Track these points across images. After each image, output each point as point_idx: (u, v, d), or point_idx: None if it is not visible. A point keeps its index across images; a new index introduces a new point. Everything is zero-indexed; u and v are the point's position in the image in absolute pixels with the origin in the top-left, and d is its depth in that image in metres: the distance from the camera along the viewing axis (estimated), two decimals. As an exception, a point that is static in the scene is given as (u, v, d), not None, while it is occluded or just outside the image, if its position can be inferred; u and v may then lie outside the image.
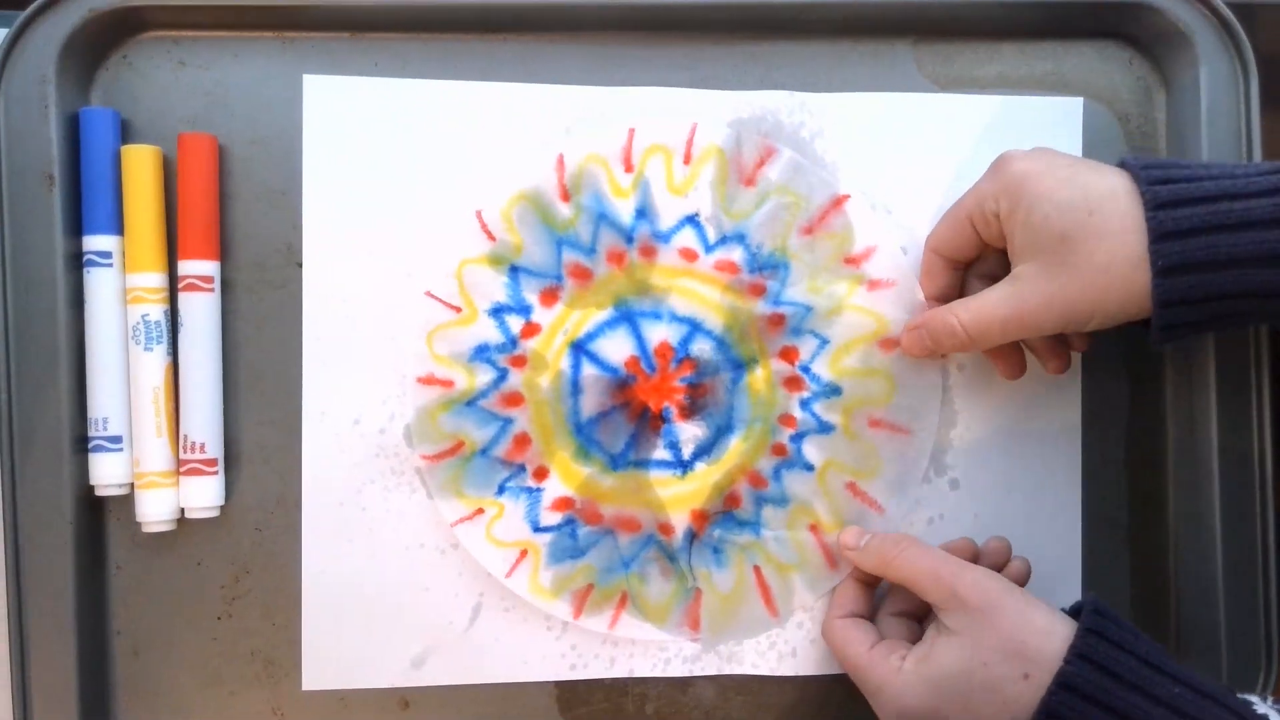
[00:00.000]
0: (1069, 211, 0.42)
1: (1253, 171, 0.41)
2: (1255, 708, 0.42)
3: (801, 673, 0.50)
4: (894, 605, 0.49)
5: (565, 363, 0.50)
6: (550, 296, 0.50)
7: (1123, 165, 0.44)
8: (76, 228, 0.48)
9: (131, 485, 0.48)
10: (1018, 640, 0.42)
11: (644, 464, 0.50)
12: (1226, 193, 0.41)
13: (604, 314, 0.50)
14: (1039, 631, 0.42)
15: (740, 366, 0.50)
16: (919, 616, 0.49)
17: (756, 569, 0.50)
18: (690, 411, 0.50)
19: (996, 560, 0.48)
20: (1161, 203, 0.41)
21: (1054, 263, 0.42)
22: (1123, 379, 0.52)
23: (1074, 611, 0.44)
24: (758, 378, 0.50)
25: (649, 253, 0.50)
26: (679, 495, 0.50)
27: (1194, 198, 0.41)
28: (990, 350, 0.48)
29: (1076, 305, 0.43)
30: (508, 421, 0.49)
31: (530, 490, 0.49)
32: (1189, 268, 0.41)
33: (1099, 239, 0.41)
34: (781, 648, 0.50)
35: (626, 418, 0.50)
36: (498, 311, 0.49)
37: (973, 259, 0.48)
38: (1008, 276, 0.45)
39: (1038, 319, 0.44)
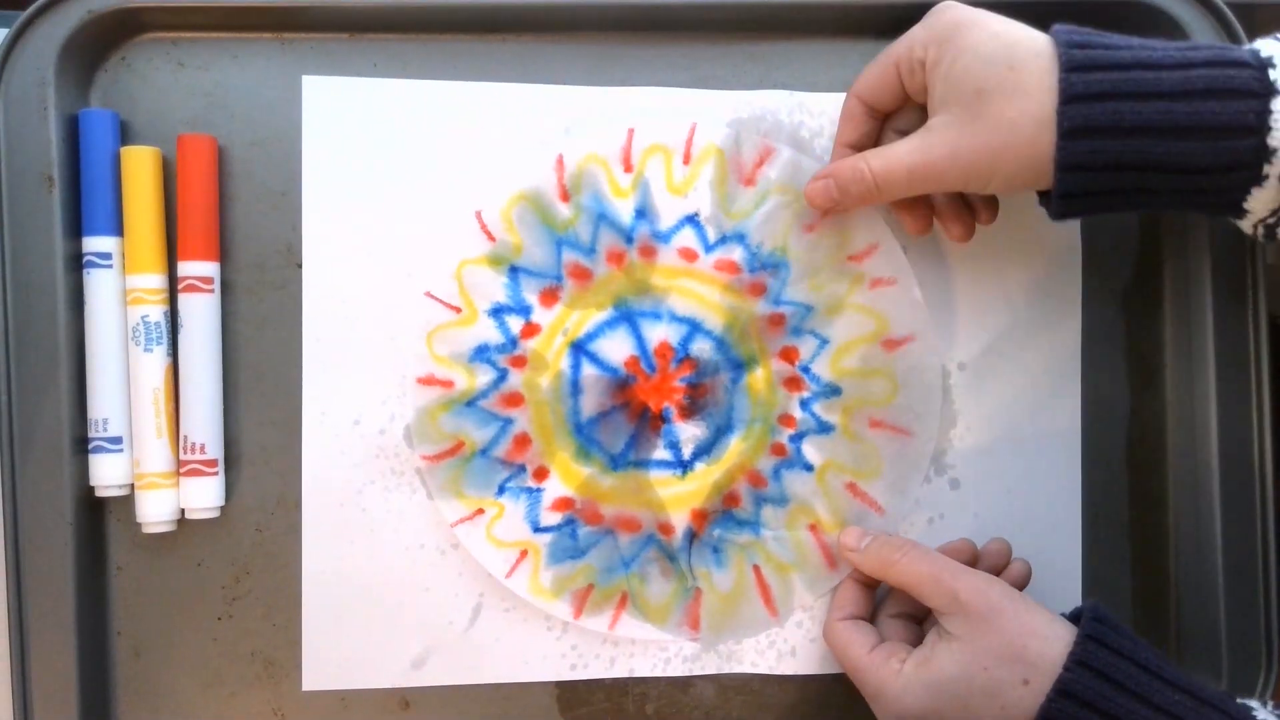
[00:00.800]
0: (990, 65, 0.41)
1: (1171, 47, 0.41)
2: (1255, 714, 0.42)
3: (801, 672, 0.50)
4: (894, 607, 0.49)
5: (565, 363, 0.50)
6: (550, 297, 0.50)
7: (1052, 31, 0.43)
8: (76, 229, 0.48)
9: (132, 486, 0.48)
10: (1018, 646, 0.42)
11: (644, 464, 0.50)
12: (1141, 62, 0.40)
13: (604, 314, 0.50)
14: (1039, 637, 0.42)
15: (740, 366, 0.50)
16: (919, 618, 0.49)
17: (756, 568, 0.50)
18: (690, 411, 0.50)
19: (996, 562, 0.48)
20: (1076, 65, 0.40)
21: (966, 116, 0.42)
22: (1123, 379, 0.52)
23: (1075, 616, 0.44)
24: (757, 378, 0.50)
25: (649, 253, 0.50)
26: (679, 495, 0.50)
27: (1108, 63, 0.40)
28: (898, 206, 0.48)
29: (979, 160, 0.42)
30: (508, 422, 0.49)
31: (530, 490, 0.49)
32: (1093, 132, 0.40)
33: (1013, 96, 0.41)
34: (781, 647, 0.50)
35: (626, 418, 0.50)
36: (497, 312, 0.49)
37: (893, 109, 0.47)
38: (920, 129, 0.44)
39: (942, 171, 0.43)
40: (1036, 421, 0.51)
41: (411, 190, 0.49)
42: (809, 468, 0.50)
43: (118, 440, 0.48)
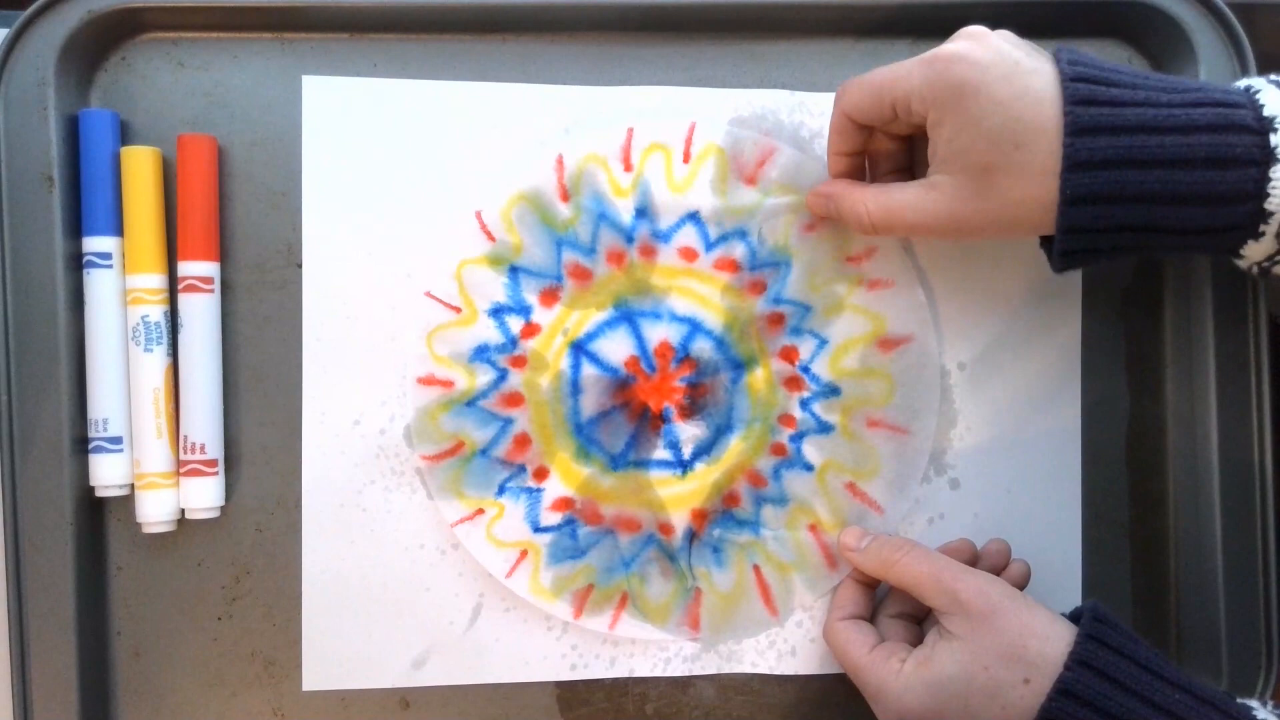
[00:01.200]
0: (996, 143, 0.41)
1: (1176, 100, 0.41)
2: (1255, 713, 0.42)
3: (801, 672, 0.50)
4: (894, 607, 0.49)
5: (565, 363, 0.50)
6: (550, 297, 0.50)
7: (1056, 64, 0.42)
8: (76, 229, 0.48)
9: (132, 486, 0.48)
10: (1018, 645, 0.42)
11: (644, 464, 0.50)
12: (1145, 124, 0.40)
13: (604, 314, 0.50)
14: (1039, 637, 0.42)
15: (740, 366, 0.50)
16: (919, 618, 0.49)
17: (756, 568, 0.50)
18: (690, 411, 0.50)
19: (996, 563, 0.48)
20: (1080, 128, 0.40)
21: (971, 188, 0.42)
22: (1122, 379, 0.52)
23: (1075, 616, 0.44)
24: (757, 378, 0.50)
25: (649, 252, 0.50)
26: (679, 495, 0.50)
27: (1112, 126, 0.40)
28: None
29: (980, 226, 0.43)
30: (508, 422, 0.49)
31: (530, 490, 0.49)
32: (1096, 199, 0.41)
33: (1019, 176, 0.41)
34: (781, 647, 0.50)
35: (626, 418, 0.50)
36: (497, 312, 0.49)
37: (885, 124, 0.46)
38: (924, 180, 0.44)
39: (942, 229, 0.44)
40: (1036, 422, 0.51)
41: (411, 190, 0.49)
42: (809, 468, 0.50)
43: (118, 440, 0.48)
